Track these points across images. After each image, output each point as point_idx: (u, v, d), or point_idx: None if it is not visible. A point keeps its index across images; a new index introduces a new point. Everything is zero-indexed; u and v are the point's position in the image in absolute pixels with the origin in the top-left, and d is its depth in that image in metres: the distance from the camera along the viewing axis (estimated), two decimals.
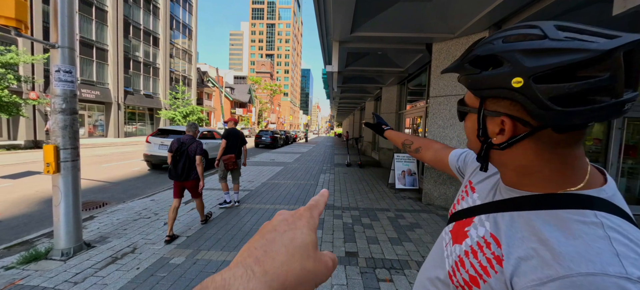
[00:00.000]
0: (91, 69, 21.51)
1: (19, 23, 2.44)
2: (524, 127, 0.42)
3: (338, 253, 3.09)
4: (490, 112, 0.45)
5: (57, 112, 2.85)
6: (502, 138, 0.44)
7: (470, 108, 0.50)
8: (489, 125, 0.46)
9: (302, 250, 0.26)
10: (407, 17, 4.43)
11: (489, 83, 0.42)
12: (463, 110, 0.52)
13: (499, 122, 0.44)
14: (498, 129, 0.45)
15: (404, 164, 6.44)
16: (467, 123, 0.52)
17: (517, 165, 0.46)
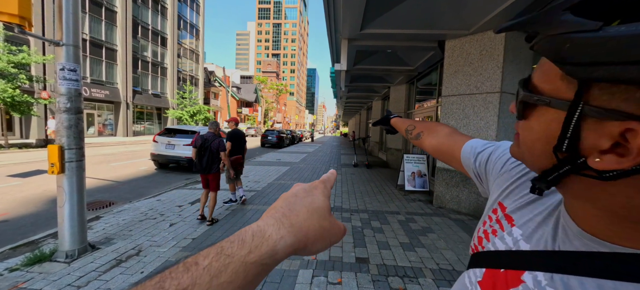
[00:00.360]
0: (101, 69, 21.84)
1: (22, 20, 2.38)
2: None
3: (348, 259, 2.97)
4: (598, 111, 0.25)
5: (61, 111, 2.79)
6: (615, 161, 0.25)
7: (551, 99, 0.28)
8: (588, 134, 0.26)
9: (319, 211, 0.31)
10: (419, 13, 4.27)
11: (621, 53, 0.22)
12: (530, 101, 0.30)
13: (615, 131, 0.24)
14: (609, 143, 0.25)
15: (414, 165, 6.27)
16: (530, 122, 0.31)
17: (624, 206, 0.27)
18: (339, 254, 3.05)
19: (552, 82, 0.29)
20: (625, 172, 0.24)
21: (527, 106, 0.32)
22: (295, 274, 2.61)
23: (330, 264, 2.84)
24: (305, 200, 0.31)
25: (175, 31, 29.69)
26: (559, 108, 0.28)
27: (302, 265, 2.79)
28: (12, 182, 6.16)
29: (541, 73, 0.30)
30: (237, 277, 0.23)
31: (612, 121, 0.24)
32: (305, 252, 0.29)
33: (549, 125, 0.29)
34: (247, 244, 0.25)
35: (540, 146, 0.30)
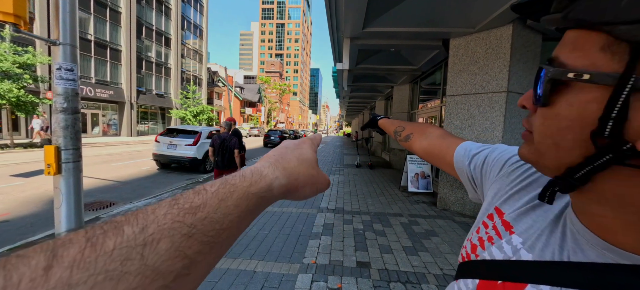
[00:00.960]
0: (105, 69, 22.03)
1: (17, 19, 2.35)
2: None
3: (349, 263, 2.89)
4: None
5: (58, 111, 2.76)
6: None
7: (593, 73, 0.23)
8: (637, 114, 0.22)
9: (308, 161, 0.33)
10: (422, 11, 4.17)
11: None
12: (563, 78, 0.25)
13: None
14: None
15: (418, 166, 6.17)
16: (557, 109, 0.26)
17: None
18: (340, 258, 2.98)
19: (588, 55, 0.24)
20: None
21: (554, 89, 0.26)
22: (294, 279, 2.54)
23: (330, 268, 2.77)
24: (295, 151, 0.34)
25: (179, 31, 29.85)
26: (604, 83, 0.23)
27: (301, 269, 2.72)
28: (14, 182, 6.18)
29: (571, 47, 0.25)
30: (240, 203, 0.25)
31: None
32: (296, 196, 0.32)
33: (585, 107, 0.24)
34: (248, 178, 0.27)
35: (572, 136, 0.25)
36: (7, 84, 10.98)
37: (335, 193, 5.94)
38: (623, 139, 0.23)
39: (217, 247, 0.23)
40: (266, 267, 2.74)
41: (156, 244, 0.18)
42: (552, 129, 0.27)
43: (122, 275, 0.16)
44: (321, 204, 5.02)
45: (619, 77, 0.22)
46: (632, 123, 0.22)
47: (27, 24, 2.47)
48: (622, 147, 0.22)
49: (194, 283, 0.21)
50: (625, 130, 0.22)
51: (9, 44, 11.60)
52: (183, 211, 0.21)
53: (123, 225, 0.18)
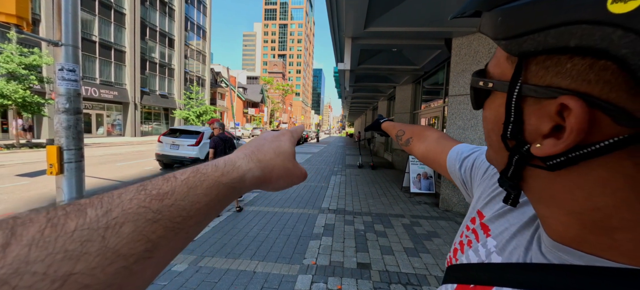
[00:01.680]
0: (110, 70, 22.24)
1: (20, 20, 2.37)
2: (614, 126, 0.19)
3: (349, 264, 2.87)
4: (535, 89, 0.22)
5: (60, 112, 2.77)
6: (554, 145, 0.22)
7: (494, 81, 0.26)
8: (530, 117, 0.23)
9: (284, 154, 0.34)
10: (424, 10, 4.14)
11: (542, 16, 0.20)
12: (481, 87, 0.28)
13: (552, 110, 0.21)
14: (549, 125, 0.22)
15: (420, 167, 6.12)
16: (486, 113, 0.29)
17: (585, 207, 0.23)
18: (340, 259, 2.96)
19: (500, 65, 0.26)
20: (570, 159, 0.21)
21: (478, 95, 0.29)
22: (293, 280, 2.53)
23: (330, 269, 2.75)
24: (273, 143, 0.34)
25: (182, 33, 30.05)
26: (502, 90, 0.25)
27: (301, 270, 2.71)
28: (20, 182, 6.26)
29: (493, 58, 0.28)
30: (210, 192, 0.25)
31: (548, 99, 0.22)
32: (270, 187, 0.33)
33: (497, 111, 0.27)
34: (220, 168, 0.27)
35: (495, 137, 0.28)
36: (13, 85, 11.14)
37: (337, 194, 5.92)
38: (524, 141, 0.24)
39: (183, 233, 0.23)
40: (266, 267, 2.73)
41: (119, 228, 0.19)
42: (485, 131, 0.30)
43: (81, 255, 0.16)
44: (322, 205, 5.01)
45: (509, 83, 0.24)
46: (527, 126, 0.24)
47: (30, 25, 2.49)
48: (525, 149, 0.24)
49: (158, 266, 0.21)
50: (524, 133, 0.24)
51: (16, 45, 11.76)
52: (150, 197, 0.21)
53: (86, 208, 0.18)
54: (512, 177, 0.27)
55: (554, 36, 0.19)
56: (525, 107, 0.24)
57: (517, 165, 0.26)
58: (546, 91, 0.22)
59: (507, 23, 0.22)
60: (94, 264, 0.17)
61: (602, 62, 0.18)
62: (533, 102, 0.23)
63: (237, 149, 0.33)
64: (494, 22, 0.24)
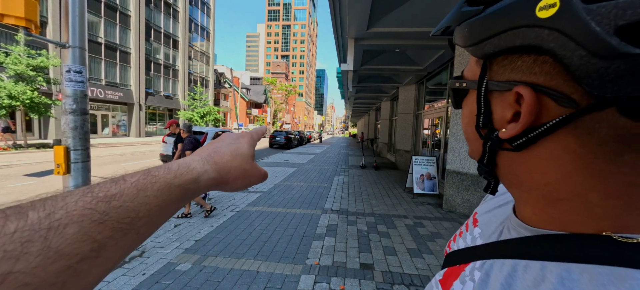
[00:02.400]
0: (115, 72, 22.49)
1: (28, 23, 2.42)
2: (558, 108, 0.23)
3: (352, 264, 2.87)
4: (497, 84, 0.27)
5: (67, 112, 2.82)
6: (514, 128, 0.26)
7: (467, 81, 0.31)
8: (496, 108, 0.28)
9: (242, 156, 0.35)
10: (427, 10, 4.14)
11: (494, 25, 0.25)
12: (457, 89, 0.33)
13: (511, 99, 0.26)
14: (510, 112, 0.26)
15: (423, 167, 6.10)
16: (463, 110, 0.34)
17: (541, 183, 0.26)
18: (343, 259, 2.96)
19: (472, 68, 0.31)
20: (526, 138, 0.25)
21: (457, 95, 0.34)
22: (296, 280, 2.54)
23: (333, 269, 2.76)
24: (231, 146, 0.36)
25: (186, 34, 30.28)
26: (472, 87, 0.30)
27: (304, 270, 2.72)
28: (27, 182, 6.36)
29: (468, 64, 0.33)
30: (161, 194, 0.26)
31: (507, 91, 0.26)
32: (227, 188, 0.34)
33: (472, 106, 0.31)
34: (173, 170, 0.28)
35: (471, 129, 0.31)
36: (22, 86, 11.32)
37: (340, 194, 5.92)
38: (494, 128, 0.28)
39: (133, 233, 0.24)
40: (269, 267, 2.75)
41: (62, 229, 0.19)
42: (464, 126, 0.34)
43: (21, 254, 0.17)
44: (325, 205, 5.01)
45: (477, 82, 0.29)
46: (495, 116, 0.28)
47: (38, 27, 2.54)
48: (493, 135, 0.28)
49: (107, 264, 0.22)
50: (493, 122, 0.28)
51: (23, 47, 11.95)
52: (96, 199, 0.22)
53: (28, 211, 0.19)
54: (488, 163, 0.31)
55: (504, 39, 0.25)
56: (492, 100, 0.28)
57: (490, 151, 0.30)
58: (505, 85, 0.26)
59: (471, 32, 0.28)
60: (34, 264, 0.17)
61: (542, 57, 0.23)
62: (497, 95, 0.28)
63: (195, 152, 0.34)
64: (463, 33, 0.29)
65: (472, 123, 0.31)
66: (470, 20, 0.28)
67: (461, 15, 0.29)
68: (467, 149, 2.90)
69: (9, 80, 11.63)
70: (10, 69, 11.41)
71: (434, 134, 7.66)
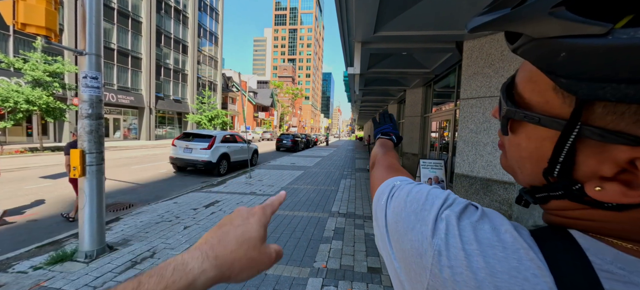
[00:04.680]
0: (127, 76, 23.07)
1: (48, 31, 2.52)
2: None
3: (359, 268, 2.86)
4: (601, 134, 0.20)
5: (83, 117, 2.92)
6: (620, 192, 0.21)
7: (541, 117, 0.24)
8: (586, 159, 0.22)
9: (249, 242, 0.32)
10: (435, 14, 4.13)
11: (634, 65, 0.17)
12: (518, 118, 0.26)
13: (622, 159, 0.20)
14: (612, 171, 0.21)
15: (431, 171, 6.04)
16: (518, 139, 0.27)
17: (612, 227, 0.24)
18: (350, 263, 2.96)
19: (542, 93, 0.24)
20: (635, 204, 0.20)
21: (510, 120, 0.28)
22: (304, 283, 2.55)
23: (340, 273, 2.76)
24: (238, 230, 0.32)
25: (195, 39, 30.87)
26: (552, 127, 0.23)
27: (311, 273, 2.73)
28: (43, 183, 6.57)
29: (528, 80, 0.25)
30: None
31: (619, 145, 0.20)
32: (231, 281, 0.31)
33: (540, 144, 0.25)
34: (165, 279, 0.26)
35: (530, 166, 0.27)
36: (38, 92, 11.72)
37: (347, 197, 5.92)
38: (573, 179, 0.23)
39: None
40: (277, 270, 2.77)
41: None
42: (516, 156, 0.29)
43: None
44: (332, 208, 5.02)
45: (565, 124, 0.22)
46: (579, 166, 0.23)
47: (57, 36, 2.64)
48: (572, 187, 0.24)
49: None
50: (575, 171, 0.23)
51: (40, 54, 12.40)
52: None
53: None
54: (541, 200, 0.28)
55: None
56: (581, 148, 0.22)
57: (558, 196, 0.25)
58: (619, 138, 0.20)
59: (576, 61, 0.19)
60: None
61: None
62: (593, 144, 0.21)
63: (200, 240, 0.32)
64: (551, 54, 0.20)
65: (534, 162, 0.26)
66: (575, 41, 0.19)
67: (552, 25, 0.19)
68: (475, 153, 2.90)
69: (26, 85, 12.07)
70: (27, 75, 11.84)
71: (441, 137, 7.58)
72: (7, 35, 15.17)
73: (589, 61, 0.18)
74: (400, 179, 0.39)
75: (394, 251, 0.31)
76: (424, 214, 0.28)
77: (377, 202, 0.38)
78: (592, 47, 0.18)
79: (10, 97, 11.06)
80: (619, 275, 0.21)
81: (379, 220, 0.35)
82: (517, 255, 0.22)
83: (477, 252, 0.23)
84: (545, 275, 0.21)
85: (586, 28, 0.18)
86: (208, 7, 34.02)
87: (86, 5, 2.85)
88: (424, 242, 0.26)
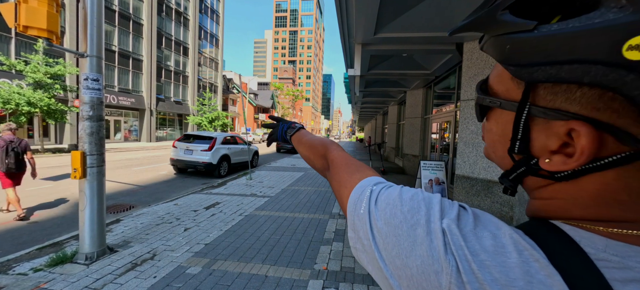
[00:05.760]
0: (128, 78, 23.13)
1: (50, 34, 2.53)
2: (618, 146, 0.22)
3: (360, 270, 2.85)
4: (544, 111, 0.25)
5: (84, 119, 2.93)
6: (563, 162, 0.24)
7: (502, 101, 0.28)
8: (538, 135, 0.26)
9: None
10: (435, 15, 4.14)
11: (555, 51, 0.22)
12: (485, 103, 0.31)
13: (561, 131, 0.24)
14: (557, 144, 0.25)
15: (432, 172, 6.03)
16: (490, 124, 0.32)
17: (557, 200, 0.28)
18: (351, 265, 2.95)
19: (504, 83, 0.28)
20: (577, 172, 0.24)
21: (484, 108, 0.32)
22: (305, 285, 2.55)
23: (341, 275, 2.75)
24: None
25: (196, 41, 30.96)
26: (510, 109, 0.28)
27: (312, 275, 2.72)
28: (44, 185, 6.57)
29: (496, 74, 0.30)
30: None
31: (558, 121, 0.24)
32: None
33: (505, 126, 0.29)
34: None
35: (500, 148, 0.31)
36: (40, 94, 11.76)
37: None
38: (531, 155, 0.27)
39: None
40: (278, 272, 2.76)
41: None
42: (489, 140, 0.33)
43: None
44: (333, 210, 5.01)
45: (518, 105, 0.26)
46: (534, 143, 0.27)
47: (58, 38, 2.65)
48: (530, 162, 0.27)
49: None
50: (531, 148, 0.27)
51: (42, 56, 12.45)
52: None
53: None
54: (514, 180, 0.31)
55: (567, 71, 0.22)
56: (533, 126, 0.26)
57: (522, 174, 0.29)
58: (556, 114, 0.24)
59: (516, 51, 0.24)
60: None
61: (611, 93, 0.21)
62: (541, 122, 0.26)
63: None
64: (501, 48, 0.25)
65: (502, 143, 0.30)
66: (514, 36, 0.24)
67: (498, 25, 0.25)
68: (476, 154, 2.91)
69: (28, 87, 12.11)
70: (29, 77, 11.88)
71: (442, 138, 7.58)
72: (9, 38, 15.24)
73: (524, 50, 0.23)
74: (373, 181, 0.37)
75: (387, 266, 0.28)
76: (431, 225, 0.27)
77: (354, 211, 0.34)
78: (524, 39, 0.23)
79: (11, 99, 11.10)
80: (615, 261, 0.22)
81: (359, 231, 0.32)
82: (523, 257, 0.23)
83: (489, 263, 0.24)
84: (554, 275, 0.22)
85: (520, 25, 0.23)
86: (209, 9, 34.14)
87: (87, 7, 2.87)
88: (438, 259, 0.25)
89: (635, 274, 0.21)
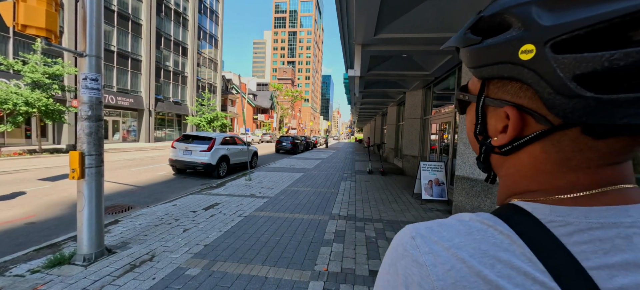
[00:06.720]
0: (126, 78, 23.06)
1: (49, 33, 2.51)
2: (536, 125, 0.31)
3: (361, 271, 2.84)
4: (492, 101, 0.34)
5: (83, 119, 2.90)
6: (502, 138, 0.34)
7: (470, 95, 0.39)
8: (491, 119, 0.36)
9: None
10: (435, 16, 4.14)
11: (490, 56, 0.32)
12: (463, 99, 0.40)
13: (502, 115, 0.33)
14: (501, 125, 0.34)
15: (431, 173, 6.03)
16: (467, 116, 0.41)
17: (515, 178, 0.35)
18: (351, 266, 2.94)
19: (474, 82, 0.38)
20: (514, 147, 0.33)
21: (462, 103, 0.41)
22: (305, 286, 2.53)
23: (342, 276, 2.73)
24: None
25: (195, 41, 30.91)
26: (474, 101, 0.37)
27: (312, 276, 2.70)
28: (41, 186, 6.52)
29: (470, 77, 0.40)
30: None
31: (500, 108, 0.33)
32: None
33: (472, 116, 0.38)
34: None
35: (471, 134, 0.39)
36: (37, 94, 11.69)
37: (347, 200, 5.89)
38: (488, 136, 0.36)
39: None
40: (278, 273, 2.74)
41: None
42: (467, 131, 0.41)
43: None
44: (333, 211, 4.99)
45: (477, 97, 0.36)
46: (490, 126, 0.36)
47: (57, 37, 2.63)
48: (488, 142, 0.36)
49: None
50: (488, 130, 0.36)
51: (40, 56, 12.39)
52: None
53: None
54: (484, 161, 0.38)
55: (497, 69, 0.31)
56: (488, 113, 0.36)
57: (485, 153, 0.37)
58: (498, 102, 0.33)
59: (472, 57, 0.34)
60: None
61: (525, 85, 0.30)
62: (492, 110, 0.35)
63: None
64: (466, 56, 0.35)
65: (472, 129, 0.39)
66: (471, 47, 0.34)
67: (464, 40, 0.35)
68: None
69: (25, 87, 12.04)
70: (27, 77, 11.82)
71: (441, 139, 7.58)
72: (7, 37, 15.17)
73: (476, 56, 0.33)
74: None
75: None
76: None
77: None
78: (477, 49, 0.33)
79: (9, 99, 11.03)
80: (559, 221, 0.29)
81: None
82: (490, 231, 0.29)
83: (462, 244, 0.30)
84: (517, 241, 0.28)
85: (474, 40, 0.34)
86: (208, 9, 34.11)
87: (86, 7, 2.85)
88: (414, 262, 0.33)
89: (575, 227, 0.28)
